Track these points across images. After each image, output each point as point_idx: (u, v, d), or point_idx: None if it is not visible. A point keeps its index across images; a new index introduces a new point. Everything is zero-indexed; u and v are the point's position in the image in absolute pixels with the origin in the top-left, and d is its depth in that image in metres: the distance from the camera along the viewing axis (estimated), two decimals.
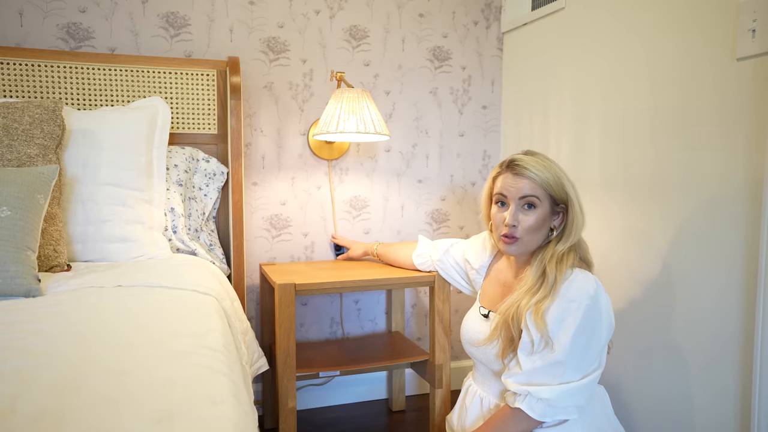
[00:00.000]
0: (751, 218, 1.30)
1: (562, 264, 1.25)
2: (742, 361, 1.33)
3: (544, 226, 1.30)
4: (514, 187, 1.29)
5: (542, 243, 1.32)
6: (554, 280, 1.24)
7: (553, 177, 1.28)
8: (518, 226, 1.29)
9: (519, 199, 1.29)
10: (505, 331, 1.28)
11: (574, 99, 1.91)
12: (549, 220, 1.30)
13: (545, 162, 1.30)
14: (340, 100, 1.84)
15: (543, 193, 1.28)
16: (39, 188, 1.30)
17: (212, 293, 1.31)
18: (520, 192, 1.28)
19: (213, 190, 1.88)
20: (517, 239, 1.30)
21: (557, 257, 1.26)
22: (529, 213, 1.28)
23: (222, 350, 0.95)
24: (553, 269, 1.25)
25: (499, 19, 2.32)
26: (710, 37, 1.41)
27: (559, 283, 1.23)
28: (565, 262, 1.26)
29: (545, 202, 1.28)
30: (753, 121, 1.30)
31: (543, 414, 1.21)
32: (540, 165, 1.28)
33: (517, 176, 1.29)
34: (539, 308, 1.22)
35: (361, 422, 2.09)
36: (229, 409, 0.72)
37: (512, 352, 1.28)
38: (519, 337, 1.26)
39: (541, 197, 1.28)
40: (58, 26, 1.82)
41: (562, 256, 1.27)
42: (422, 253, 1.76)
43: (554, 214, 1.31)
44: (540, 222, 1.29)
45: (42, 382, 0.74)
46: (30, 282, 1.19)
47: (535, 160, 1.29)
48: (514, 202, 1.29)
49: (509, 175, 1.30)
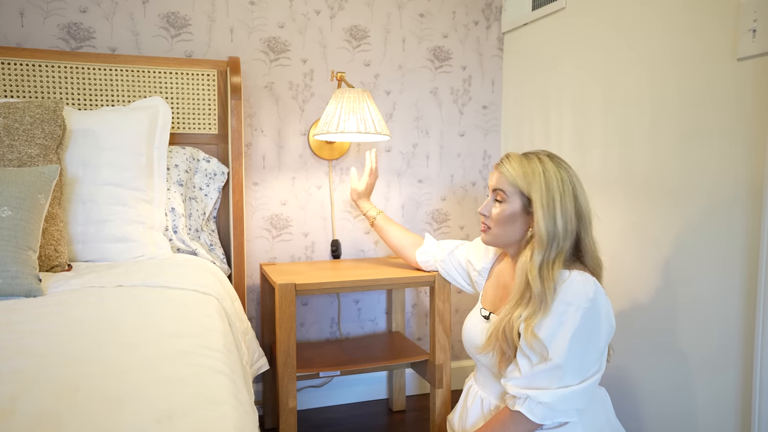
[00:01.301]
0: (752, 218, 1.30)
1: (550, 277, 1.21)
2: (743, 360, 1.33)
3: (516, 222, 1.31)
4: (491, 180, 1.36)
5: (520, 240, 1.33)
6: (542, 293, 1.20)
7: (522, 176, 1.27)
8: (489, 216, 1.35)
9: (492, 191, 1.35)
10: (498, 346, 1.28)
11: (574, 99, 1.91)
12: (522, 218, 1.31)
13: (531, 161, 1.28)
14: (341, 100, 1.84)
15: (511, 189, 1.30)
16: (40, 188, 1.30)
17: (213, 293, 1.31)
18: (494, 184, 1.35)
19: (213, 190, 1.88)
20: (488, 229, 1.37)
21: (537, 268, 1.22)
22: (497, 205, 1.34)
23: (222, 350, 0.95)
24: (537, 282, 1.20)
25: (499, 19, 2.32)
26: (711, 37, 1.41)
27: (550, 296, 1.20)
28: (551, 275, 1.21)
29: (515, 198, 1.30)
30: (753, 121, 1.30)
31: (543, 417, 1.21)
32: (519, 163, 1.30)
33: (495, 169, 1.36)
34: (529, 325, 1.20)
35: (361, 422, 2.09)
36: (229, 409, 0.72)
37: (508, 363, 1.28)
38: (512, 350, 1.26)
39: (508, 192, 1.31)
40: (59, 26, 1.82)
41: (541, 267, 1.22)
42: (427, 251, 1.75)
43: (528, 214, 1.30)
44: (507, 216, 1.31)
45: (42, 381, 0.74)
46: (31, 282, 1.19)
47: (521, 158, 1.31)
48: (491, 193, 1.36)
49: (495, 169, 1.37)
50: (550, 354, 1.19)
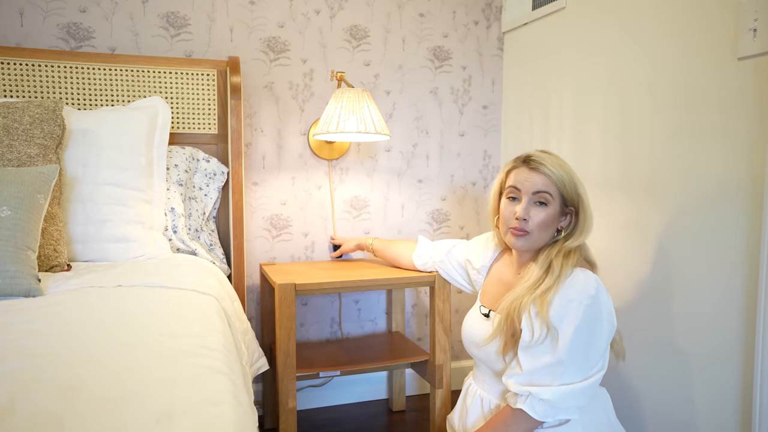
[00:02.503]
0: (752, 217, 1.30)
1: (568, 259, 1.26)
2: (744, 359, 1.33)
3: (553, 225, 1.31)
4: (528, 182, 1.30)
5: (549, 242, 1.33)
6: (559, 272, 1.24)
7: (567, 177, 1.30)
8: (528, 220, 1.29)
9: (532, 194, 1.29)
10: (507, 326, 1.28)
11: (574, 98, 1.91)
12: (558, 220, 1.31)
13: (560, 161, 1.32)
14: (341, 99, 1.84)
15: (556, 191, 1.29)
16: (39, 188, 1.30)
17: (212, 293, 1.31)
18: (534, 187, 1.29)
19: (213, 190, 1.88)
20: (526, 233, 1.30)
21: (564, 252, 1.28)
22: (540, 209, 1.29)
23: (222, 350, 0.95)
24: (559, 263, 1.26)
25: (499, 18, 2.32)
26: (711, 36, 1.41)
27: (563, 276, 1.24)
28: (571, 257, 1.27)
29: (556, 200, 1.29)
30: (754, 120, 1.30)
31: (544, 414, 1.21)
32: (556, 163, 1.30)
33: (532, 171, 1.30)
34: (544, 299, 1.22)
35: (361, 422, 2.09)
36: (228, 409, 0.72)
37: (514, 347, 1.28)
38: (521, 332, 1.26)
39: (553, 195, 1.29)
40: (59, 26, 1.82)
41: (569, 252, 1.28)
42: (423, 254, 1.76)
43: (563, 215, 1.32)
44: (550, 219, 1.29)
45: (41, 382, 0.74)
46: (30, 282, 1.19)
47: (552, 159, 1.31)
48: (527, 196, 1.30)
49: (525, 169, 1.31)
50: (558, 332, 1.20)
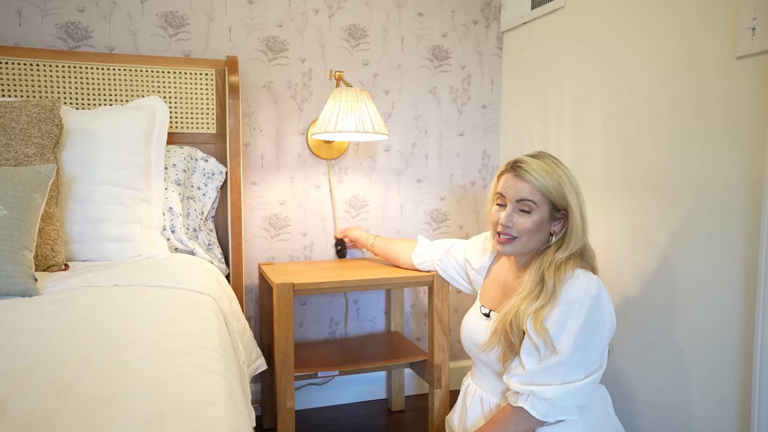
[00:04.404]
0: (752, 217, 1.30)
1: (560, 271, 1.24)
2: (743, 359, 1.32)
3: (542, 230, 1.30)
4: (512, 189, 1.29)
5: (541, 246, 1.32)
6: (553, 287, 1.23)
7: (554, 183, 1.27)
8: (513, 227, 1.29)
9: (516, 202, 1.29)
10: (504, 337, 1.28)
11: (573, 98, 1.90)
12: (548, 224, 1.30)
13: (550, 167, 1.29)
14: (339, 99, 1.84)
15: (541, 198, 1.27)
16: (36, 187, 1.29)
17: (209, 293, 1.31)
18: (518, 194, 1.28)
19: (211, 189, 1.88)
20: (511, 240, 1.31)
21: (556, 265, 1.26)
22: (524, 216, 1.29)
23: (217, 350, 0.94)
24: (551, 276, 1.24)
25: (498, 18, 2.32)
26: (710, 35, 1.40)
27: (558, 289, 1.23)
28: (563, 269, 1.25)
29: (543, 206, 1.28)
30: (753, 119, 1.29)
31: (546, 414, 1.21)
32: (543, 170, 1.27)
33: (517, 178, 1.29)
34: (539, 316, 1.21)
35: (360, 422, 2.08)
36: (222, 409, 0.71)
37: (513, 355, 1.28)
38: (519, 341, 1.26)
39: (538, 202, 1.27)
40: (57, 25, 1.82)
41: (560, 264, 1.26)
42: (422, 252, 1.75)
43: (554, 220, 1.30)
44: (536, 225, 1.29)
45: (35, 381, 0.73)
46: (26, 281, 1.19)
47: (540, 164, 1.28)
48: (512, 203, 1.30)
49: (511, 176, 1.31)
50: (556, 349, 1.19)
